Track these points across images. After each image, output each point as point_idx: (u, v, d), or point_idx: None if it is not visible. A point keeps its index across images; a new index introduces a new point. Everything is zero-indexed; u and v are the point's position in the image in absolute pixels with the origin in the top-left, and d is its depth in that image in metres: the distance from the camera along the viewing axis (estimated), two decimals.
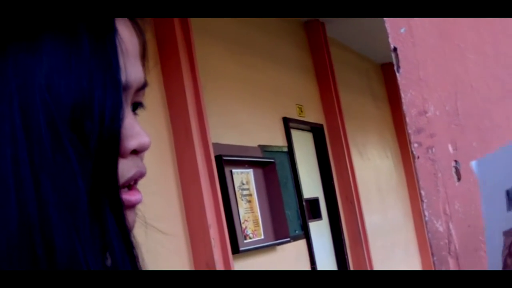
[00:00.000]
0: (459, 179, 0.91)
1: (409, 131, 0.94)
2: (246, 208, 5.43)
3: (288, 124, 6.58)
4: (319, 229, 7.03)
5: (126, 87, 0.70)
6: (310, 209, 6.93)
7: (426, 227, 0.94)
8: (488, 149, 0.90)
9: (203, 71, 4.92)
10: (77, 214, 0.63)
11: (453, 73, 0.93)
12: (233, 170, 5.33)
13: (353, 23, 7.86)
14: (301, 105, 7.05)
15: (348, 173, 7.59)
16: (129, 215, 0.73)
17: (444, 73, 0.94)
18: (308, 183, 6.94)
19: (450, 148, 0.92)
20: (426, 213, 0.93)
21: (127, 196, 0.72)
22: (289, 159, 6.48)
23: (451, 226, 0.91)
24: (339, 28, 7.96)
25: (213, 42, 5.51)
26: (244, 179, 5.50)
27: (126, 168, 0.71)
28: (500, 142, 0.89)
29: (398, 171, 9.81)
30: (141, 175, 0.74)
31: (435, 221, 0.92)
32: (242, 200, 5.41)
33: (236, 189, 5.33)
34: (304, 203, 6.54)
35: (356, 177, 7.73)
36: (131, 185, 0.73)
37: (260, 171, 5.85)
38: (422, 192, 0.93)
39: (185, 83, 4.66)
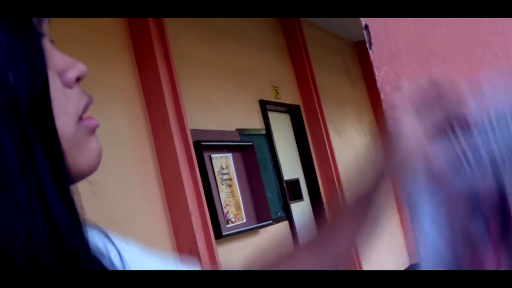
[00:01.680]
0: None
1: (384, 107, 0.94)
2: (227, 193, 5.43)
3: (264, 106, 6.57)
4: (301, 210, 7.05)
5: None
6: (291, 191, 6.95)
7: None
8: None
9: (177, 57, 4.90)
10: (5, 174, 0.61)
11: (425, 48, 0.93)
12: (212, 155, 5.32)
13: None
14: (277, 87, 7.05)
15: (327, 153, 7.61)
16: (95, 140, 0.74)
17: (416, 48, 0.94)
18: (287, 165, 6.95)
19: None
20: None
21: (89, 121, 0.73)
22: (267, 141, 6.48)
23: None
24: None
25: (185, 26, 5.48)
26: (223, 164, 5.50)
27: (79, 96, 0.72)
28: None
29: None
30: (91, 101, 0.74)
31: None
32: (223, 184, 5.41)
33: (216, 174, 5.33)
34: (284, 185, 6.55)
35: (336, 156, 7.75)
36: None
37: (239, 155, 5.84)
38: None
39: (160, 70, 4.63)
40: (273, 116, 6.81)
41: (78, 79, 0.72)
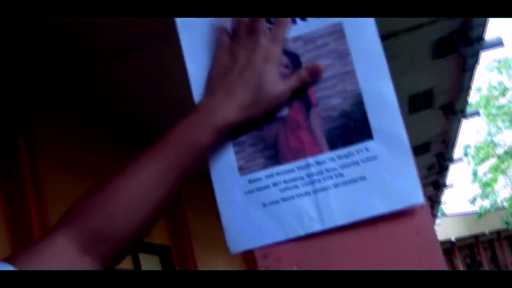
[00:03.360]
0: None
1: (256, 256, 0.99)
2: None
3: (135, 248, 6.49)
4: None
5: None
6: None
7: None
8: (331, 265, 0.95)
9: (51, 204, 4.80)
10: None
11: None
12: None
13: None
14: None
15: None
16: None
17: None
18: None
19: (296, 269, 0.97)
20: None
21: None
22: None
23: None
24: None
25: (60, 168, 5.42)
26: None
27: None
28: (344, 258, 0.95)
29: None
30: None
31: None
32: None
33: None
34: None
35: None
36: None
37: None
38: None
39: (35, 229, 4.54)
40: (143, 257, 6.71)
41: None
